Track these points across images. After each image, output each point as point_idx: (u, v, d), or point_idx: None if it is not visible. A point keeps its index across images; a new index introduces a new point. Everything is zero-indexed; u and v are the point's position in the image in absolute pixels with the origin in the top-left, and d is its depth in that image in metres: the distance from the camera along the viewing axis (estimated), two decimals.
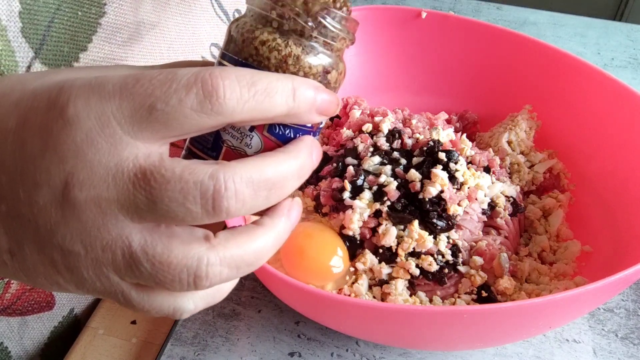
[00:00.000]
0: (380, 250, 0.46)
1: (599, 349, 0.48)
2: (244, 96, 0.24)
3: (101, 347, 0.48)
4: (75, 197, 0.23)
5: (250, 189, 0.24)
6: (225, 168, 0.24)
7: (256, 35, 0.27)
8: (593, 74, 0.55)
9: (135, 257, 0.24)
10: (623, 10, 1.61)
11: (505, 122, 0.60)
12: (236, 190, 0.24)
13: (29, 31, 0.38)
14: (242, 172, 0.24)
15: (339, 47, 0.29)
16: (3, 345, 0.47)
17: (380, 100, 0.62)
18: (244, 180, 0.24)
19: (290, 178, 0.26)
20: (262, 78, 0.25)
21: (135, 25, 0.45)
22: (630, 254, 0.45)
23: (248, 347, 0.47)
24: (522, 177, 0.56)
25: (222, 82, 0.23)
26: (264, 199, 0.25)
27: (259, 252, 0.26)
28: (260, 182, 0.25)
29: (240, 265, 0.26)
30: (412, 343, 0.46)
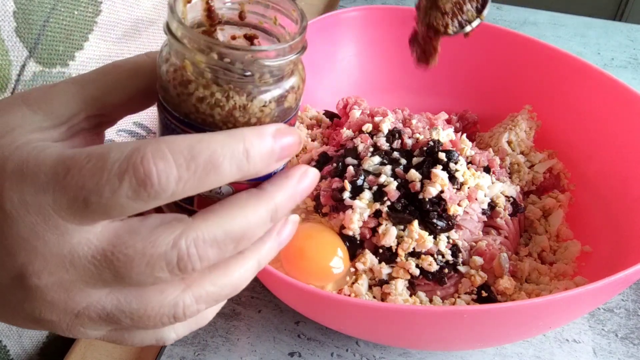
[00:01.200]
0: (380, 250, 0.46)
1: (599, 349, 0.48)
2: (182, 177, 0.22)
3: (101, 347, 0.48)
4: (34, 283, 0.23)
5: (215, 248, 0.24)
6: (187, 232, 0.23)
7: (191, 91, 0.24)
8: (593, 74, 0.55)
9: (113, 316, 0.24)
10: (623, 10, 1.61)
11: (505, 122, 0.60)
12: (199, 255, 0.24)
13: (23, 30, 0.38)
14: (205, 234, 0.24)
15: (290, 68, 0.26)
16: (2, 344, 0.47)
17: (380, 100, 0.62)
18: (207, 243, 0.24)
19: (260, 225, 0.25)
20: (203, 150, 0.23)
21: (131, 22, 0.45)
22: (630, 254, 0.45)
23: (248, 347, 0.47)
24: (522, 177, 0.56)
25: (154, 168, 0.22)
26: (232, 250, 0.25)
27: (237, 283, 0.26)
28: (225, 239, 0.24)
29: (218, 298, 0.26)
30: (412, 343, 0.46)
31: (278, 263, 0.47)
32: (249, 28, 0.28)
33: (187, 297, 0.25)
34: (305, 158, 0.56)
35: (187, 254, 0.23)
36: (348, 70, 0.65)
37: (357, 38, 0.64)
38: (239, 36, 0.28)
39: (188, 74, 0.24)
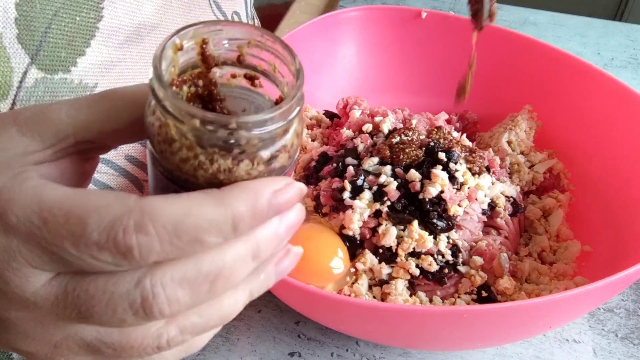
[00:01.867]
0: (380, 250, 0.46)
1: (599, 349, 0.48)
2: (165, 250, 0.21)
3: None
4: (4, 316, 0.23)
5: (186, 288, 0.22)
6: (152, 271, 0.22)
7: (174, 150, 0.23)
8: (593, 74, 0.55)
9: (93, 346, 0.24)
10: (623, 10, 1.61)
11: (505, 122, 0.61)
12: (167, 296, 0.22)
13: (25, 37, 0.38)
14: (173, 272, 0.22)
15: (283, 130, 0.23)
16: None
17: (380, 100, 0.62)
18: (175, 281, 0.22)
19: (241, 264, 0.23)
20: (189, 227, 0.21)
21: (133, 27, 0.45)
22: (630, 254, 0.45)
23: (248, 347, 0.47)
24: (522, 177, 0.56)
25: (136, 243, 0.21)
26: (206, 292, 0.23)
27: (225, 314, 0.25)
28: (197, 278, 0.22)
29: (205, 329, 0.25)
30: (412, 343, 0.46)
31: None
32: (249, 69, 0.26)
33: (171, 328, 0.23)
34: (305, 158, 0.56)
35: (152, 294, 0.22)
36: (348, 70, 0.65)
37: (357, 38, 0.64)
38: (239, 75, 0.26)
39: (172, 133, 0.23)
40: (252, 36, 0.25)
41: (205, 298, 0.23)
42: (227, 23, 0.25)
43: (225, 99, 0.26)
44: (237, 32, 0.25)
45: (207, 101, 0.26)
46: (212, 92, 0.26)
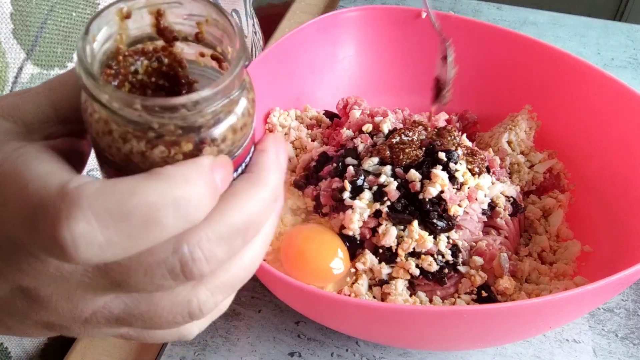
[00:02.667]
0: (380, 250, 0.46)
1: (599, 349, 0.48)
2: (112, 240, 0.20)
3: (101, 347, 0.48)
4: (34, 294, 0.23)
5: (222, 246, 0.22)
6: (188, 235, 0.21)
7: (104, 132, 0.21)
8: (593, 74, 0.55)
9: (123, 319, 0.23)
10: (623, 10, 1.61)
11: (505, 122, 0.60)
12: (206, 257, 0.21)
13: (20, 32, 0.38)
14: (209, 233, 0.21)
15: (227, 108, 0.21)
16: (3, 345, 0.47)
17: (380, 100, 0.62)
18: (212, 242, 0.21)
19: (266, 210, 0.23)
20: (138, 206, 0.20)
21: None
22: (630, 254, 0.45)
23: (248, 347, 0.47)
24: (522, 177, 0.56)
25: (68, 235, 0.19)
26: (240, 243, 0.23)
27: (250, 265, 0.25)
28: (231, 233, 0.22)
29: (234, 285, 0.24)
30: (412, 343, 0.46)
31: (278, 263, 0.47)
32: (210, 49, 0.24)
33: (200, 292, 0.23)
34: (305, 158, 0.56)
35: (192, 258, 0.21)
36: (348, 70, 0.65)
37: (357, 38, 0.64)
38: (207, 54, 0.24)
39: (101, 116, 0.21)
40: (209, 13, 0.23)
41: (239, 250, 0.23)
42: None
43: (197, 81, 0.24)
44: (194, 8, 0.23)
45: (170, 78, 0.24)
46: (177, 70, 0.24)
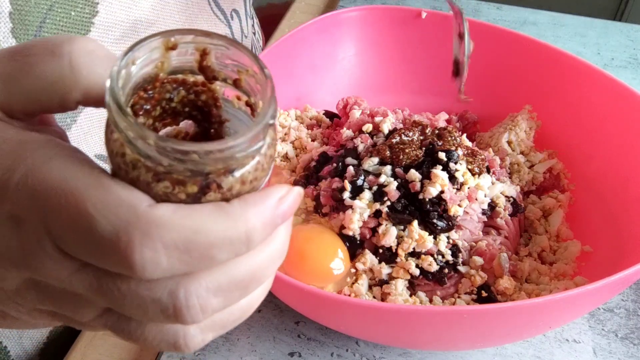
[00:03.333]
0: (380, 250, 0.46)
1: (599, 349, 0.48)
2: (173, 267, 0.20)
3: (101, 347, 0.48)
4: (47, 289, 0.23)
5: (220, 297, 0.22)
6: (185, 282, 0.21)
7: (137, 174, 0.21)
8: (593, 74, 0.55)
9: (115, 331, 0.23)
10: (623, 10, 1.61)
11: (505, 122, 0.60)
12: (201, 306, 0.21)
13: (19, 32, 0.38)
14: (207, 282, 0.21)
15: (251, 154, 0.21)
16: (2, 345, 0.47)
17: (380, 100, 0.62)
18: (210, 291, 0.21)
19: (270, 266, 0.23)
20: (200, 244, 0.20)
21: (130, 23, 0.45)
22: (630, 254, 0.45)
23: (248, 347, 0.47)
24: (522, 177, 0.56)
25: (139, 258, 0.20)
26: (239, 296, 0.22)
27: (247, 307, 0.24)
28: (231, 286, 0.22)
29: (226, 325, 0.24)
30: (412, 343, 0.46)
31: None
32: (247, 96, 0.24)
33: (190, 328, 0.23)
34: (305, 158, 0.56)
35: (187, 305, 0.21)
36: (348, 70, 0.65)
37: (357, 38, 0.64)
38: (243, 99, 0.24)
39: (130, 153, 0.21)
40: (252, 66, 0.23)
41: (237, 301, 0.23)
42: (231, 42, 0.23)
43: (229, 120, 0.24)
44: (241, 57, 0.23)
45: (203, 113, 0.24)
46: (211, 108, 0.24)
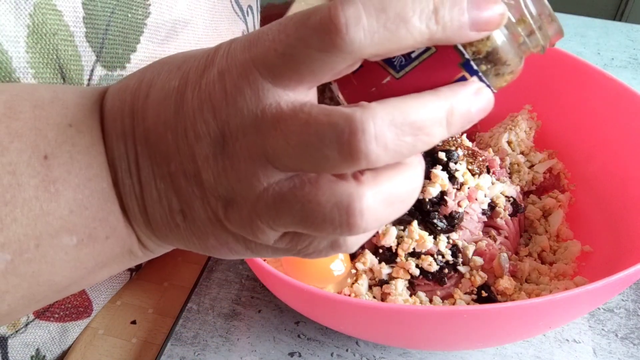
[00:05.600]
0: (380, 250, 0.46)
1: (599, 349, 0.48)
2: (372, 27, 0.21)
3: (101, 347, 0.48)
4: (231, 146, 0.24)
5: (393, 132, 0.22)
6: (363, 109, 0.22)
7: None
8: (593, 74, 0.55)
9: (286, 200, 0.24)
10: (623, 10, 1.61)
11: (505, 122, 0.60)
12: (376, 134, 0.22)
13: (91, 36, 0.38)
14: (383, 113, 0.22)
15: None
16: (42, 355, 0.47)
17: None
18: (385, 122, 0.22)
19: (437, 122, 0.23)
20: (394, 2, 0.22)
21: (171, 24, 0.46)
22: (630, 254, 0.45)
23: (248, 347, 0.47)
24: (522, 177, 0.56)
25: (342, 14, 0.21)
26: (409, 145, 0.23)
27: (410, 186, 0.25)
28: (403, 124, 0.22)
29: (394, 200, 0.24)
30: (412, 343, 0.46)
31: (278, 263, 0.47)
32: None
33: (363, 189, 0.23)
34: None
35: (362, 129, 0.21)
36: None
37: None
38: None
39: None
40: None
41: (406, 152, 0.23)
42: None
43: None
44: None
45: None
46: None
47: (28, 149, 0.25)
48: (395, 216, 0.25)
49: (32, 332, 0.45)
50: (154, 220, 0.28)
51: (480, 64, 0.24)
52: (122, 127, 0.27)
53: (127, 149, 0.27)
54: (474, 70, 0.24)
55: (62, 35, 0.36)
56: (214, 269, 0.54)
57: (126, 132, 0.27)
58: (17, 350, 0.44)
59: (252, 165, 0.24)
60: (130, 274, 0.54)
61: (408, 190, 0.25)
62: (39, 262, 0.26)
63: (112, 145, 0.27)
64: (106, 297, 0.51)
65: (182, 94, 0.25)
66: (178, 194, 0.26)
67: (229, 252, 0.28)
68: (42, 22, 0.35)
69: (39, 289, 0.27)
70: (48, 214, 0.25)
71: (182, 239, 0.28)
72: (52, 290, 0.28)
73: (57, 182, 0.26)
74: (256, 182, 0.24)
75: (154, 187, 0.26)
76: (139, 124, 0.26)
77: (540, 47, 0.26)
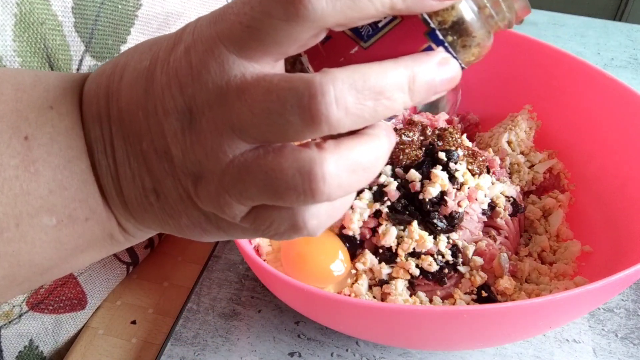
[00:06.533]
0: (380, 250, 0.46)
1: (599, 349, 0.48)
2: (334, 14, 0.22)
3: (101, 347, 0.48)
4: (197, 120, 0.24)
5: (353, 95, 0.22)
6: (323, 74, 0.22)
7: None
8: (593, 74, 0.55)
9: (251, 171, 0.24)
10: (623, 10, 1.61)
11: (505, 122, 0.60)
12: (336, 96, 0.22)
13: (80, 26, 0.39)
14: (343, 77, 0.22)
15: None
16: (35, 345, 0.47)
17: None
18: (345, 85, 0.22)
19: (397, 88, 0.23)
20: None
21: (163, 16, 0.46)
22: (630, 254, 0.45)
23: (248, 347, 0.47)
24: (522, 177, 0.56)
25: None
26: (370, 110, 0.23)
27: (374, 154, 0.25)
28: (364, 88, 0.22)
29: (356, 168, 0.24)
30: (412, 343, 0.46)
31: (278, 263, 0.47)
32: None
33: (325, 154, 0.23)
34: None
35: (322, 92, 0.22)
36: None
37: None
38: None
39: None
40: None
41: (368, 117, 0.23)
42: None
43: None
44: None
45: None
46: None
47: (9, 130, 0.26)
48: (359, 185, 0.25)
49: (26, 324, 0.46)
50: (129, 200, 0.28)
51: (446, 34, 0.25)
52: (97, 110, 0.27)
53: (102, 130, 0.27)
54: (440, 40, 0.25)
55: (50, 24, 0.36)
56: (214, 269, 0.54)
57: (101, 115, 0.27)
58: (10, 340, 0.45)
59: (218, 138, 0.24)
60: (127, 269, 0.54)
61: (371, 159, 0.25)
62: (19, 241, 0.26)
63: (89, 128, 0.28)
64: (101, 290, 0.51)
65: (152, 72, 0.26)
66: (150, 172, 0.27)
67: (203, 233, 0.28)
68: (30, 11, 0.35)
69: (20, 270, 0.27)
70: (28, 194, 0.26)
71: (157, 219, 0.28)
72: (33, 272, 0.28)
73: (37, 162, 0.26)
74: (222, 155, 0.24)
75: (128, 166, 0.27)
76: (113, 106, 0.27)
77: (507, 20, 0.26)
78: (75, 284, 0.49)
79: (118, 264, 0.52)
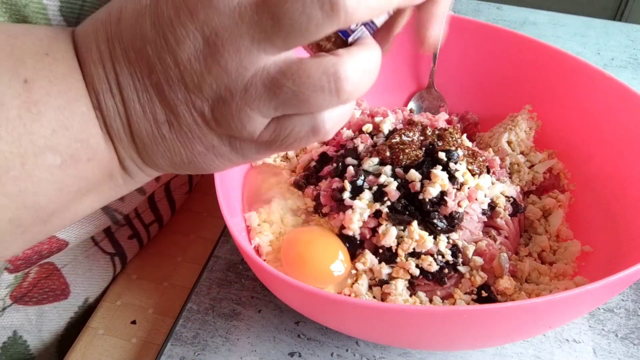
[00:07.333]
0: (380, 250, 0.46)
1: (599, 349, 0.48)
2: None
3: (101, 347, 0.48)
4: (212, 44, 0.25)
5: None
6: None
7: None
8: (593, 74, 0.55)
9: (276, 81, 0.26)
10: (623, 10, 1.61)
11: (505, 122, 0.60)
12: None
13: (66, 10, 0.39)
14: None
15: None
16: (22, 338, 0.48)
17: (380, 100, 0.62)
18: None
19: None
20: None
21: None
22: (630, 254, 0.45)
23: (248, 347, 0.47)
24: (522, 177, 0.56)
25: None
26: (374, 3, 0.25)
27: (374, 59, 0.28)
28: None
29: (365, 69, 0.27)
30: (412, 343, 0.46)
31: (278, 263, 0.47)
32: None
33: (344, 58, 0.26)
34: (305, 158, 0.56)
35: None
36: None
37: None
38: None
39: None
40: None
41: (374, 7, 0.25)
42: None
43: None
44: None
45: None
46: None
47: (8, 73, 0.27)
48: (366, 87, 0.28)
49: (10, 316, 0.46)
50: (139, 137, 0.29)
51: None
52: (98, 53, 0.28)
53: (106, 72, 0.28)
54: None
55: (34, 7, 0.36)
56: (214, 269, 0.54)
57: (103, 57, 0.28)
58: None
59: (237, 56, 0.25)
60: (111, 260, 0.54)
61: (373, 63, 0.28)
62: (25, 180, 0.27)
63: (90, 71, 0.28)
64: (84, 280, 0.52)
65: (155, 7, 0.26)
66: (163, 103, 0.28)
67: (215, 158, 0.29)
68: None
69: (26, 213, 0.28)
70: (32, 133, 0.27)
71: (167, 151, 0.29)
72: (38, 217, 0.29)
73: (39, 103, 0.27)
74: (243, 71, 0.26)
75: (138, 102, 0.28)
76: (115, 47, 0.28)
77: None
78: (59, 276, 0.49)
79: (101, 254, 0.52)
